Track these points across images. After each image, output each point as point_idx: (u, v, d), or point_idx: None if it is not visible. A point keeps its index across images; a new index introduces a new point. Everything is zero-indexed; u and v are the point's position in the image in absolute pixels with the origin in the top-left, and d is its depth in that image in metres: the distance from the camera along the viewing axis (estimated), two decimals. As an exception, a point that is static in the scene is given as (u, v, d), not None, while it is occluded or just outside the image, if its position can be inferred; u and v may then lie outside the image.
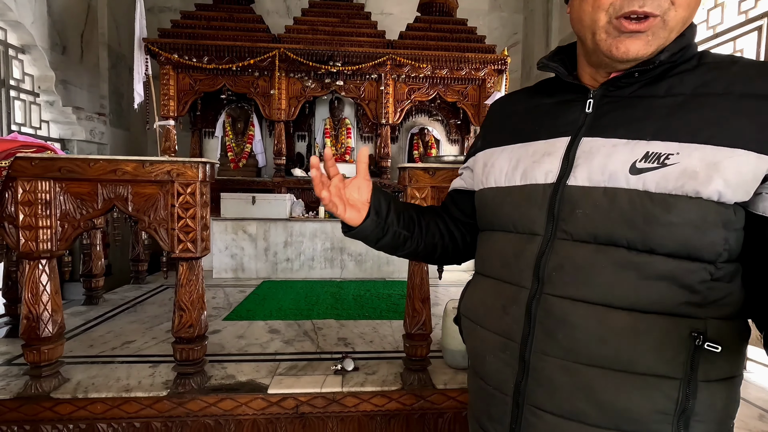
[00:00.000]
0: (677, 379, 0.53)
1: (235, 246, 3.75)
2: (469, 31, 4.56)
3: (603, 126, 0.60)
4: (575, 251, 0.58)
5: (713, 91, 0.54)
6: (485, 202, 0.73)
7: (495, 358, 0.66)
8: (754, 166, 0.50)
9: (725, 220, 0.51)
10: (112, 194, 1.56)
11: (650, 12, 0.53)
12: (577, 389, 0.57)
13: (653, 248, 0.53)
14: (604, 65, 0.61)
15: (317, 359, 1.93)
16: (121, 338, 2.15)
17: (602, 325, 0.55)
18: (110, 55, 4.65)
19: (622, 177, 0.55)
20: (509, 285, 0.65)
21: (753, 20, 2.67)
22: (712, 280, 0.53)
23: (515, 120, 0.73)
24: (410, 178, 1.63)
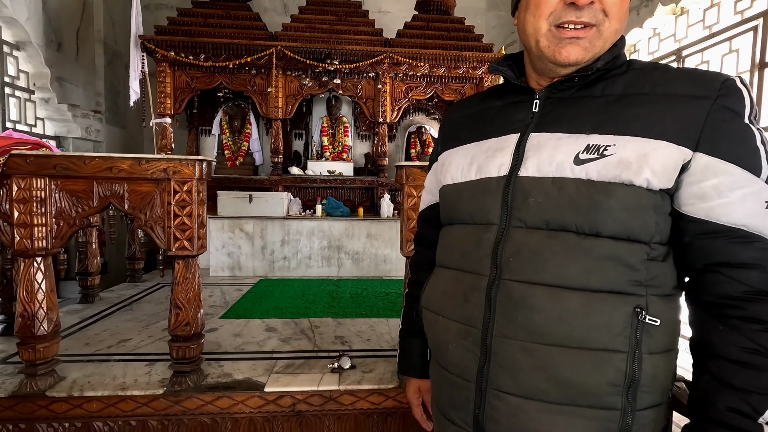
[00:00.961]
0: (625, 352, 0.58)
1: (232, 244, 3.74)
2: (467, 29, 4.56)
3: (548, 122, 0.65)
4: (529, 237, 0.62)
5: (640, 92, 0.61)
6: (445, 198, 0.78)
7: (457, 346, 0.69)
8: (674, 156, 0.57)
9: (655, 205, 0.58)
10: (108, 192, 1.55)
11: (587, 22, 0.60)
12: (536, 369, 0.61)
13: (599, 231, 0.59)
14: (548, 71, 0.66)
15: (314, 357, 1.93)
16: (117, 336, 2.15)
17: (557, 306, 0.59)
18: (106, 52, 4.62)
19: (568, 167, 0.60)
20: (469, 274, 0.69)
21: (749, 20, 2.69)
22: (648, 259, 0.59)
23: (469, 122, 0.78)
24: (407, 177, 1.63)
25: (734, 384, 0.55)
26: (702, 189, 0.57)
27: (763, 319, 0.55)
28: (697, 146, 0.57)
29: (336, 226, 3.84)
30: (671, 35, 3.39)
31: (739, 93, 0.58)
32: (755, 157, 0.56)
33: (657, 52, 3.55)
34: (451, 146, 0.80)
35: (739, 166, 0.56)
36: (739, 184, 0.56)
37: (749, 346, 0.55)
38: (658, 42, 3.53)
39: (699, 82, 0.59)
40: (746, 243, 0.56)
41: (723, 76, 0.60)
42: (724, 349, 0.56)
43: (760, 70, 2.60)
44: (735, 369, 0.55)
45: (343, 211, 4.03)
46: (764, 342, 0.54)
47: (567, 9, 0.60)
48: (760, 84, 2.60)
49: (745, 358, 0.55)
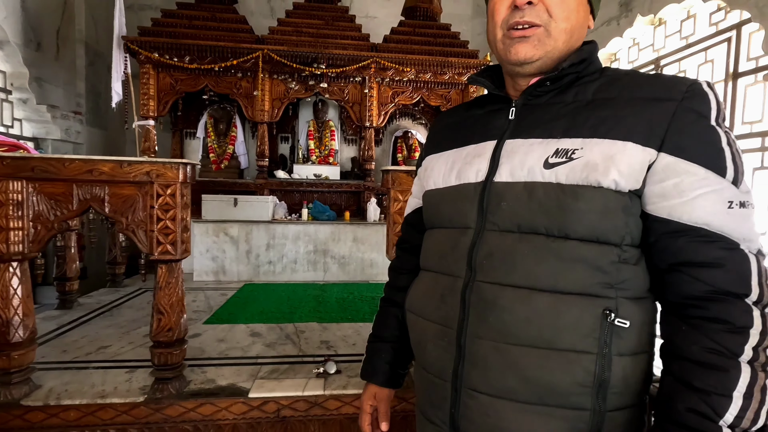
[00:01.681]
0: (594, 353, 0.58)
1: (217, 248, 3.70)
2: (453, 36, 4.61)
3: (522, 129, 0.67)
4: (502, 240, 0.64)
5: (609, 96, 0.63)
6: (428, 203, 0.80)
7: (435, 346, 0.70)
8: (640, 157, 0.58)
9: (624, 206, 0.59)
10: (88, 195, 1.52)
11: (531, 21, 0.63)
12: (507, 368, 0.61)
13: (568, 234, 0.59)
14: (513, 73, 0.69)
15: (299, 362, 1.91)
16: (96, 343, 2.09)
17: (527, 307, 0.60)
18: (88, 53, 4.53)
19: (538, 171, 0.62)
20: (446, 276, 0.70)
21: (723, 32, 2.78)
22: (619, 261, 0.60)
23: (452, 129, 0.81)
24: (393, 181, 1.63)
25: (695, 385, 0.54)
26: (664, 188, 0.58)
27: (724, 319, 0.55)
28: (661, 147, 0.58)
29: (322, 230, 3.82)
30: (650, 45, 3.49)
31: (705, 96, 0.60)
32: (720, 157, 0.57)
33: (636, 61, 3.64)
34: (434, 152, 0.82)
35: (703, 166, 0.57)
36: (701, 183, 0.57)
37: (710, 346, 0.55)
38: (638, 51, 3.63)
39: (665, 85, 0.61)
40: (708, 242, 0.56)
41: (689, 80, 0.62)
42: (686, 350, 0.56)
43: (734, 80, 2.69)
44: (696, 370, 0.55)
45: (329, 215, 4.02)
46: (725, 342, 0.54)
47: (512, 12, 0.64)
48: (734, 93, 2.69)
49: (706, 358, 0.55)
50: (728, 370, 0.53)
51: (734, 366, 0.54)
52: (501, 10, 0.65)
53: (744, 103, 2.63)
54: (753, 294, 0.55)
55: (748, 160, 2.55)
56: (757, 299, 0.56)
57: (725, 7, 2.68)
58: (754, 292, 0.55)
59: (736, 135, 2.66)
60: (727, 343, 0.54)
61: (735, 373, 0.53)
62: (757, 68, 2.53)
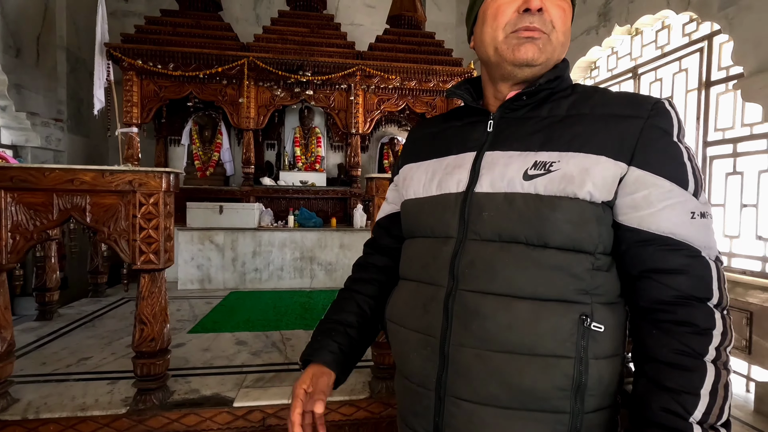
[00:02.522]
0: (572, 357, 0.61)
1: (202, 256, 3.66)
2: (437, 44, 4.68)
3: (501, 141, 0.70)
4: (483, 249, 0.65)
5: (581, 112, 0.66)
6: (407, 212, 0.81)
7: (417, 355, 0.71)
8: (613, 170, 0.61)
9: (598, 216, 0.62)
10: (69, 204, 1.51)
11: (539, 27, 0.66)
12: (489, 375, 0.63)
13: (546, 242, 0.62)
14: (507, 75, 0.71)
15: (285, 370, 1.91)
16: (76, 355, 2.06)
17: (509, 314, 0.62)
18: (69, 59, 4.47)
19: (518, 183, 0.64)
20: (429, 285, 0.71)
21: (696, 42, 2.88)
22: (593, 269, 0.62)
23: (431, 140, 0.82)
24: (377, 188, 1.65)
25: (667, 385, 0.57)
26: (634, 200, 0.61)
27: (691, 322, 0.58)
28: (631, 160, 0.61)
29: (308, 236, 3.82)
30: (627, 54, 3.59)
31: (668, 114, 0.64)
32: (683, 171, 0.61)
33: (615, 69, 3.74)
34: (412, 161, 0.83)
35: (668, 179, 0.61)
36: (667, 195, 0.60)
37: (679, 348, 0.58)
38: (616, 60, 3.73)
39: (633, 103, 0.65)
40: (674, 250, 0.60)
41: (654, 99, 0.66)
42: (658, 352, 0.59)
43: (707, 89, 2.78)
44: (667, 371, 0.58)
45: (315, 222, 4.02)
46: (693, 344, 0.57)
47: (522, 16, 0.66)
48: (707, 101, 2.79)
49: (675, 359, 0.58)
50: (695, 369, 0.57)
51: (700, 366, 0.57)
52: (507, 12, 0.67)
53: (717, 111, 2.73)
54: (714, 298, 0.59)
55: (721, 165, 2.64)
56: (717, 302, 0.60)
57: (697, 18, 2.79)
58: (715, 295, 0.59)
59: (709, 141, 2.76)
60: (694, 344, 0.57)
61: (701, 373, 0.57)
62: (728, 77, 2.63)
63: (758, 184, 2.34)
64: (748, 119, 2.45)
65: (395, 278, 0.84)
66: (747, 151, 2.46)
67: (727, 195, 2.57)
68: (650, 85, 3.32)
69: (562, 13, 0.67)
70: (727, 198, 2.57)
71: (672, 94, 3.08)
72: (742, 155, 2.49)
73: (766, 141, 2.32)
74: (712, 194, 2.68)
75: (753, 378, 2.27)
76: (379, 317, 0.85)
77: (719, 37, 2.66)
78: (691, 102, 2.91)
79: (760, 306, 2.16)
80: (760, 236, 2.32)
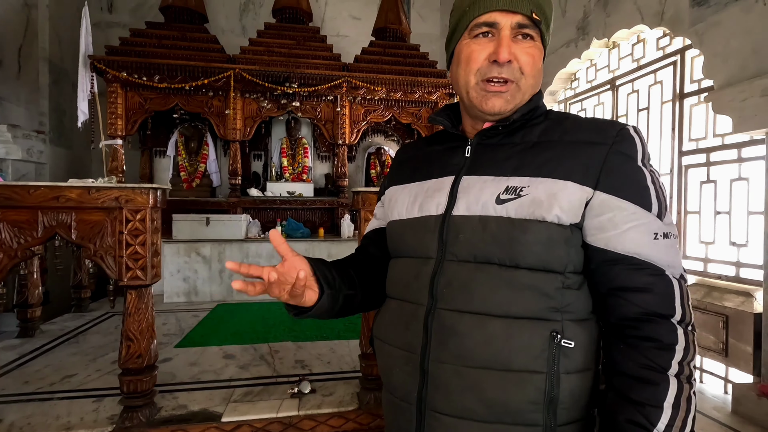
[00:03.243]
0: (543, 372, 0.64)
1: (188, 269, 3.63)
2: (422, 56, 4.76)
3: (477, 166, 0.74)
4: (460, 270, 0.69)
5: (551, 139, 0.71)
6: (392, 233, 0.85)
7: (400, 371, 0.74)
8: (579, 195, 0.65)
9: (566, 238, 0.65)
10: (54, 222, 1.50)
11: (507, 77, 0.70)
12: (466, 390, 0.66)
13: (518, 263, 0.66)
14: (478, 117, 0.76)
15: (273, 383, 1.91)
16: (60, 372, 2.03)
17: (483, 332, 0.66)
18: (52, 71, 4.42)
19: (491, 207, 0.68)
20: (410, 304, 0.74)
21: (669, 55, 3.00)
22: (563, 287, 0.66)
23: (414, 163, 0.87)
24: (363, 202, 1.68)
25: (632, 398, 0.61)
26: (600, 222, 0.65)
27: (655, 338, 0.62)
28: (596, 185, 0.66)
29: (296, 247, 3.81)
30: (606, 66, 3.71)
31: (632, 140, 0.68)
32: (646, 194, 0.66)
33: (594, 80, 3.85)
34: (398, 183, 0.87)
35: (632, 202, 0.65)
36: (630, 218, 0.64)
37: (644, 362, 0.61)
38: (595, 72, 3.84)
39: (598, 130, 0.70)
40: (639, 269, 0.64)
41: (619, 125, 0.70)
42: (624, 366, 0.63)
43: (680, 100, 2.89)
44: (633, 384, 0.62)
45: (303, 232, 4.03)
46: (656, 359, 0.61)
47: (491, 66, 0.70)
48: (681, 112, 2.89)
49: (640, 373, 0.61)
50: (659, 383, 0.60)
51: (664, 380, 0.61)
52: (478, 59, 0.70)
53: (690, 122, 2.83)
54: (677, 314, 0.63)
55: (696, 174, 2.74)
56: (680, 318, 0.63)
57: (670, 33, 2.90)
58: (678, 312, 0.63)
59: (684, 150, 2.86)
60: (657, 359, 0.61)
61: (664, 386, 0.60)
62: (700, 89, 2.74)
63: (730, 192, 2.44)
64: (720, 130, 2.56)
65: (378, 272, 0.86)
66: (719, 160, 2.56)
67: (702, 203, 2.66)
68: (627, 96, 3.43)
69: (531, 60, 0.71)
70: (702, 206, 2.66)
71: (648, 106, 3.19)
72: (715, 164, 2.59)
73: (736, 151, 2.42)
74: (688, 202, 2.78)
75: (730, 380, 2.34)
76: (362, 286, 0.84)
77: (691, 51, 2.78)
78: (667, 113, 3.01)
79: (735, 310, 2.24)
80: (733, 242, 2.41)
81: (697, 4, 2.52)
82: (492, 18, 0.69)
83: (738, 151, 2.42)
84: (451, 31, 0.78)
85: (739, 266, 2.39)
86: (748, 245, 2.33)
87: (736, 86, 2.19)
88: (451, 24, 0.78)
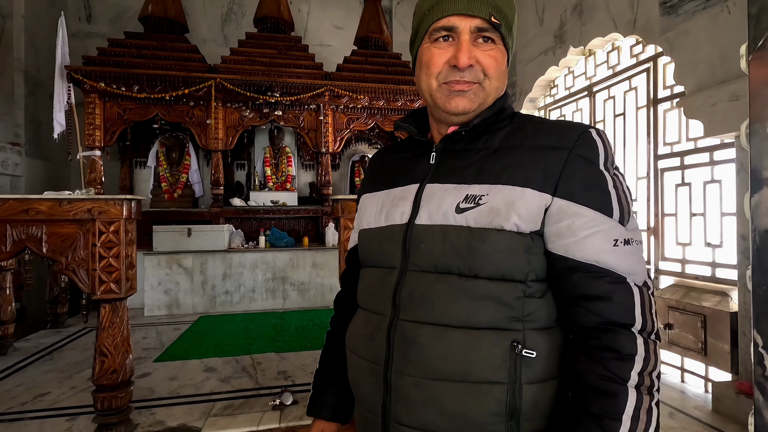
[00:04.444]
0: (505, 383, 0.62)
1: (169, 281, 3.57)
2: (404, 64, 4.80)
3: (440, 174, 0.73)
4: (421, 280, 0.68)
5: (512, 144, 0.69)
6: (362, 242, 0.83)
7: (366, 382, 0.73)
8: (537, 202, 0.64)
9: (526, 246, 0.64)
10: (24, 235, 1.46)
11: (469, 80, 0.69)
12: (427, 402, 0.65)
13: (477, 273, 0.64)
14: (443, 119, 0.75)
15: (255, 396, 1.87)
16: (33, 391, 1.96)
17: (443, 343, 0.64)
18: (27, 82, 4.34)
19: (451, 216, 0.67)
20: (375, 314, 0.73)
21: (643, 62, 3.08)
22: (525, 296, 0.64)
23: (384, 170, 0.86)
24: (343, 209, 1.68)
25: (591, 410, 0.59)
26: (559, 228, 0.64)
27: (614, 348, 0.60)
28: (555, 191, 0.64)
29: (280, 256, 3.79)
30: (583, 73, 3.79)
31: (593, 143, 0.66)
32: (606, 199, 0.64)
33: (572, 87, 3.94)
34: (369, 191, 0.86)
35: (591, 208, 0.63)
36: (590, 224, 0.63)
37: (603, 373, 0.60)
38: (573, 79, 3.93)
39: (560, 134, 0.68)
40: (598, 277, 0.62)
41: (581, 128, 0.68)
42: (584, 377, 0.61)
43: (654, 105, 2.97)
44: (592, 396, 0.60)
45: (287, 242, 3.99)
46: (615, 370, 0.59)
47: (452, 70, 0.69)
48: (655, 117, 2.97)
49: (599, 384, 0.59)
50: (617, 395, 0.59)
51: (622, 391, 0.59)
52: (438, 63, 0.69)
53: (664, 126, 2.91)
54: (637, 323, 0.62)
55: (671, 177, 2.81)
56: (641, 328, 0.62)
57: (642, 41, 2.99)
58: (638, 321, 0.62)
59: (659, 154, 2.93)
60: (616, 370, 0.59)
61: (623, 398, 0.59)
62: (672, 95, 2.82)
63: (704, 194, 2.50)
64: (693, 134, 2.63)
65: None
66: (693, 163, 2.62)
67: (678, 205, 2.72)
68: (604, 102, 3.51)
69: (493, 62, 0.69)
70: (678, 208, 2.72)
71: (624, 111, 3.27)
72: (689, 167, 2.65)
73: (708, 154, 2.49)
74: (664, 205, 2.84)
75: (710, 378, 2.38)
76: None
77: (663, 58, 2.86)
78: (642, 118, 3.09)
79: (713, 309, 2.28)
80: (708, 243, 2.47)
81: (667, 13, 2.60)
82: (450, 22, 0.68)
83: (710, 154, 2.48)
84: (413, 35, 0.77)
85: (715, 266, 2.44)
86: (723, 246, 2.39)
87: (706, 91, 2.26)
88: (413, 27, 0.77)
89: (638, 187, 3.04)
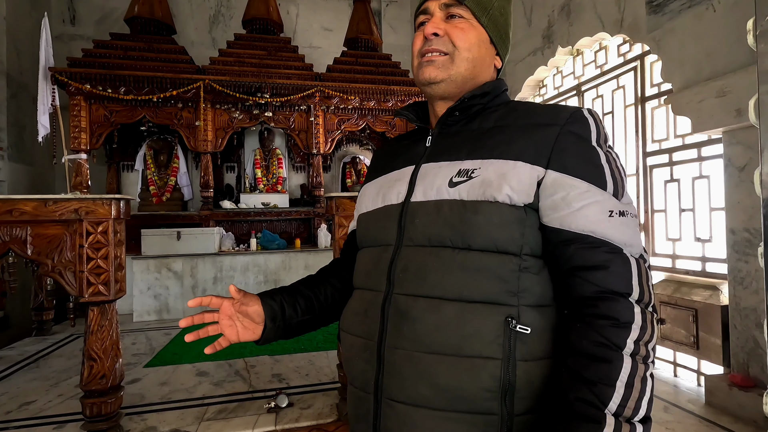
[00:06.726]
0: (498, 359, 0.62)
1: (159, 285, 3.50)
2: (394, 65, 4.81)
3: (435, 154, 0.76)
4: (415, 254, 0.69)
5: (505, 123, 0.72)
6: (359, 226, 0.85)
7: (359, 359, 0.73)
8: (529, 174, 0.65)
9: (519, 218, 0.65)
10: (7, 237, 1.41)
11: (438, 49, 0.74)
12: (419, 376, 0.64)
13: (470, 245, 0.65)
14: (426, 94, 0.79)
15: (249, 399, 1.84)
16: (18, 399, 1.90)
17: (436, 316, 0.64)
18: (10, 85, 4.24)
19: (445, 190, 0.69)
20: (370, 291, 0.74)
21: (630, 62, 3.12)
22: (519, 270, 0.65)
23: (384, 159, 0.89)
24: (337, 207, 1.66)
25: (585, 376, 0.59)
26: (554, 201, 0.65)
27: (611, 316, 0.60)
28: (548, 164, 0.66)
29: (272, 259, 3.74)
30: (571, 72, 3.83)
31: (585, 120, 0.69)
32: (599, 173, 0.66)
33: (561, 87, 3.97)
34: (369, 179, 0.89)
35: (585, 180, 0.65)
36: (584, 196, 0.64)
37: (598, 340, 0.59)
38: (561, 78, 3.96)
39: (552, 113, 0.71)
40: (594, 248, 0.63)
41: (573, 108, 0.71)
42: (579, 344, 0.61)
43: (642, 103, 3.01)
44: (586, 362, 0.59)
45: (279, 244, 3.95)
46: (610, 336, 0.59)
47: (424, 42, 0.75)
48: (643, 115, 3.01)
49: (594, 351, 0.59)
50: (612, 361, 0.58)
51: (617, 357, 0.59)
52: (417, 42, 0.76)
53: (653, 124, 2.94)
54: (635, 293, 0.62)
55: (660, 174, 2.84)
56: (638, 298, 0.62)
57: (629, 40, 3.03)
58: (635, 291, 0.62)
59: (648, 151, 2.96)
60: (612, 336, 0.59)
61: (618, 364, 0.58)
62: (659, 93, 2.86)
63: (693, 190, 2.53)
64: (681, 131, 2.66)
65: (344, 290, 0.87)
66: (681, 159, 2.66)
67: (668, 201, 2.76)
68: (593, 101, 3.54)
69: (461, 33, 0.73)
70: (668, 204, 2.76)
71: (613, 110, 3.31)
72: (677, 164, 2.69)
73: (696, 150, 2.52)
74: (654, 201, 2.87)
75: (703, 372, 2.40)
76: (325, 305, 0.87)
77: (650, 56, 2.90)
78: (630, 116, 3.13)
79: (704, 303, 2.31)
80: (698, 238, 2.50)
81: (653, 12, 2.63)
82: (425, 6, 0.76)
83: (698, 150, 2.52)
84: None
85: (705, 261, 2.47)
86: (713, 240, 2.42)
87: (693, 88, 2.29)
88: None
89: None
